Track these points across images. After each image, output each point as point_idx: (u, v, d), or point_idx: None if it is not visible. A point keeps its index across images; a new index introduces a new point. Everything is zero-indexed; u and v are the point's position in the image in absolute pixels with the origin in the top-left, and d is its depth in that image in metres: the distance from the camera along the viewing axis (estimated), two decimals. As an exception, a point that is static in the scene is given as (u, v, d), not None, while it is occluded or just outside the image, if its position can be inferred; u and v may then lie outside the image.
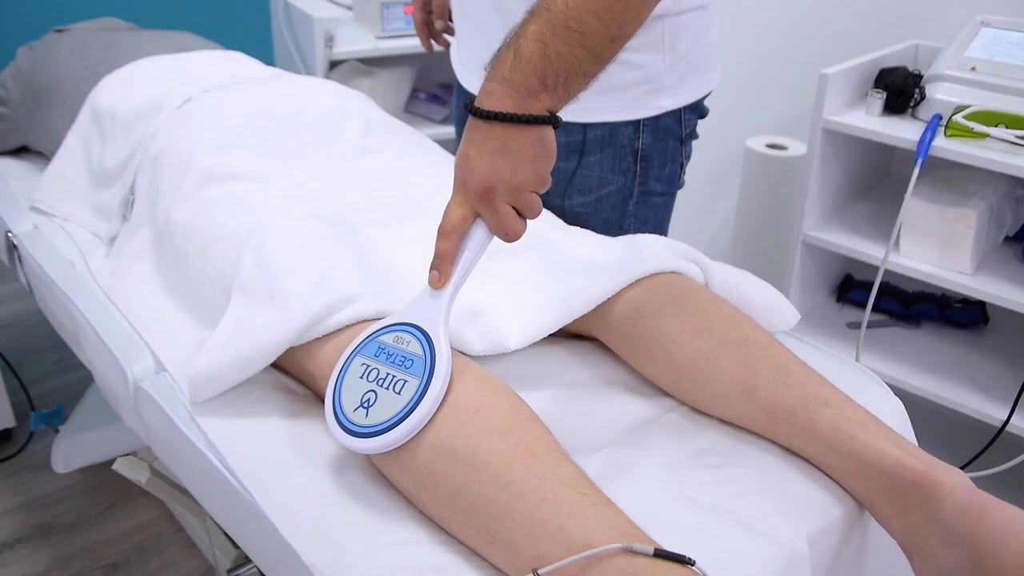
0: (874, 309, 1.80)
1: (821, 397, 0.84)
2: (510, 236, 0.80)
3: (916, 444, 0.86)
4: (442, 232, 0.80)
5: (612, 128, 1.16)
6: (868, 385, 1.00)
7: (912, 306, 1.83)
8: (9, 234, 1.44)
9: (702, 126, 1.28)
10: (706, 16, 1.16)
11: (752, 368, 0.86)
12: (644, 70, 1.12)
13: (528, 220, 0.82)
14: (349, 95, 1.38)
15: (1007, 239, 1.67)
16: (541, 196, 0.81)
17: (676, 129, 1.19)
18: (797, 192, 1.69)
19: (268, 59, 2.29)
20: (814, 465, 0.85)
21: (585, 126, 1.15)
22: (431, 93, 2.27)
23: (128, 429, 1.78)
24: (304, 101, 1.32)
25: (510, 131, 0.77)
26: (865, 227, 1.69)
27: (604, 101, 1.13)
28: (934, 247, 1.55)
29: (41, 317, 2.39)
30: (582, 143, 1.16)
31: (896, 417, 0.95)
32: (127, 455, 1.35)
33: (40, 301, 1.38)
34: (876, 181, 1.88)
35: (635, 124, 1.16)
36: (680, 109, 1.18)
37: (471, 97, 0.80)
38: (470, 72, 1.28)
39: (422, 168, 1.24)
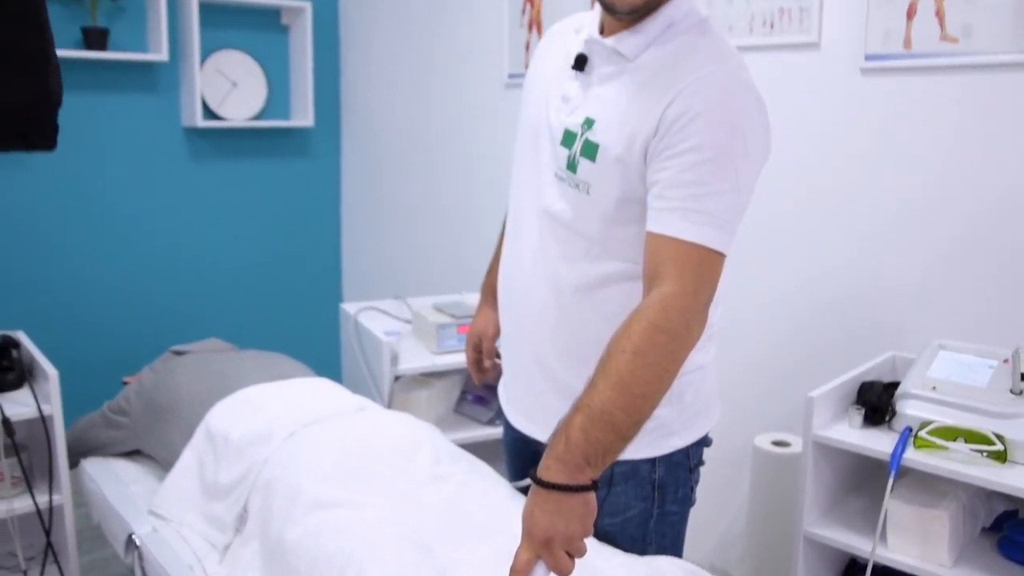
0: (877, 592, 1.99)
1: None
2: (563, 573, 1.08)
3: None
4: (513, 571, 1.08)
5: (634, 464, 1.39)
6: None
7: (913, 588, 1.99)
8: (133, 535, 1.72)
9: (715, 439, 1.50)
10: (703, 374, 1.43)
11: None
12: (657, 419, 1.32)
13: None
14: (420, 427, 1.69)
15: (984, 530, 1.86)
16: None
17: (685, 462, 1.43)
18: (799, 488, 1.93)
19: (337, 367, 2.63)
20: None
21: (612, 463, 1.36)
22: (478, 395, 2.48)
23: None
24: (385, 434, 1.63)
25: (564, 497, 1.07)
26: (858, 522, 1.89)
27: (627, 444, 1.41)
28: (915, 543, 1.73)
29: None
30: (610, 477, 1.39)
31: None
32: None
33: (159, 598, 1.63)
34: (869, 476, 2.08)
35: (652, 461, 1.39)
36: (688, 446, 1.42)
37: (520, 434, 1.11)
38: (515, 409, 1.51)
39: (485, 493, 1.52)
